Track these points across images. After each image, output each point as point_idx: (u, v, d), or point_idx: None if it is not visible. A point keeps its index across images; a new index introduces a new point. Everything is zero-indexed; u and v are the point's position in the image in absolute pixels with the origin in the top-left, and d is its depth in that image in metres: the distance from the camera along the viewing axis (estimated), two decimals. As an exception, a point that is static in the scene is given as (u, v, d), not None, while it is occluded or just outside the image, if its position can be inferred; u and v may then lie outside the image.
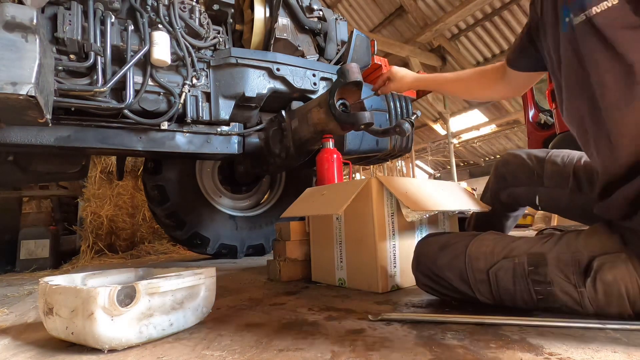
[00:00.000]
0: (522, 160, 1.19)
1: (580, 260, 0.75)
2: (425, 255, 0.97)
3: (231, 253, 2.50)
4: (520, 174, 1.19)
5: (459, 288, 0.89)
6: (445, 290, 0.93)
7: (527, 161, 1.17)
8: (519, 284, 0.80)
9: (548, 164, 1.12)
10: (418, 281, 1.00)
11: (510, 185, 1.22)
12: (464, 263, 0.87)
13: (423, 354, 0.62)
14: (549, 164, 1.12)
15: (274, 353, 0.66)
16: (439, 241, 0.97)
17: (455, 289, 0.90)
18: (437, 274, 0.92)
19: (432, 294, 0.99)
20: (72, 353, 0.71)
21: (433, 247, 0.96)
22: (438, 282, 0.93)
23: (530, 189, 1.17)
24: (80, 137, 1.65)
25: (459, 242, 0.91)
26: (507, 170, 1.22)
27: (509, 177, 1.22)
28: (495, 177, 1.27)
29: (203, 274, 0.85)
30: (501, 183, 1.25)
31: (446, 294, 0.94)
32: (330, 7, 8.47)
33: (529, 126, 3.93)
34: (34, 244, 3.10)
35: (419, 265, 0.98)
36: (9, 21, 1.10)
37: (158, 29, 1.67)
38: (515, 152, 1.23)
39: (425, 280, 0.97)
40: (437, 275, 0.93)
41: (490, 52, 8.13)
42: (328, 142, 1.72)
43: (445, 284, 0.92)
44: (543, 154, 1.16)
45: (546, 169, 1.13)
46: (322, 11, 2.21)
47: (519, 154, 1.21)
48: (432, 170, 14.66)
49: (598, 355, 0.58)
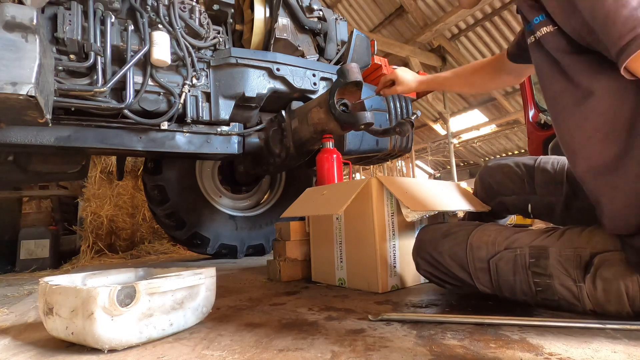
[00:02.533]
0: (510, 168, 1.16)
1: (581, 255, 0.76)
2: (427, 241, 0.98)
3: (231, 253, 2.50)
4: (509, 183, 1.16)
5: (458, 275, 0.90)
6: (444, 277, 0.94)
7: (515, 169, 1.14)
8: (519, 275, 0.81)
9: (538, 171, 1.09)
10: (418, 267, 1.01)
11: (499, 195, 1.19)
12: (465, 251, 0.88)
13: (423, 354, 0.62)
14: (539, 172, 1.09)
15: (274, 353, 0.66)
16: (441, 229, 0.98)
17: (455, 276, 0.91)
18: (437, 259, 0.93)
19: (432, 280, 1.00)
20: (72, 353, 0.71)
21: (435, 233, 0.97)
22: (438, 267, 0.94)
23: (522, 197, 1.14)
24: (80, 137, 1.65)
25: (462, 231, 0.92)
26: (494, 180, 1.19)
27: (496, 187, 1.20)
28: (481, 187, 1.24)
29: (203, 274, 0.85)
30: (489, 192, 1.22)
31: (446, 280, 0.95)
32: (330, 7, 8.46)
33: (529, 126, 3.92)
34: (34, 244, 3.10)
35: (420, 251, 0.99)
36: (9, 21, 1.10)
37: (158, 29, 1.67)
38: (500, 161, 1.20)
39: (425, 266, 0.97)
40: (437, 261, 0.93)
41: (490, 52, 8.12)
42: (328, 142, 1.72)
43: (446, 271, 0.92)
44: (531, 161, 1.13)
45: (537, 176, 1.10)
46: (322, 11, 2.21)
47: (507, 163, 1.18)
48: (432, 170, 14.65)
49: (598, 355, 0.58)
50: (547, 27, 0.72)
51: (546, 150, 2.36)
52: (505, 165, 1.18)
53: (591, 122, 0.70)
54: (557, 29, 0.71)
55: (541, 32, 0.74)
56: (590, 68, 0.69)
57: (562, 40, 0.71)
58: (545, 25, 0.72)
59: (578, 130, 0.73)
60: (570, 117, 0.74)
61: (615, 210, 0.71)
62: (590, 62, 0.69)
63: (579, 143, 0.74)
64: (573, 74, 0.71)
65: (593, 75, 0.69)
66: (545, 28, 0.73)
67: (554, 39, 0.72)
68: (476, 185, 1.28)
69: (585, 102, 0.70)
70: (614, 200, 0.71)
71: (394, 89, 1.35)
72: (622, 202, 0.70)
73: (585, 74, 0.70)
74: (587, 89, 0.69)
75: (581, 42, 0.67)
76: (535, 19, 0.74)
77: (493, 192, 1.21)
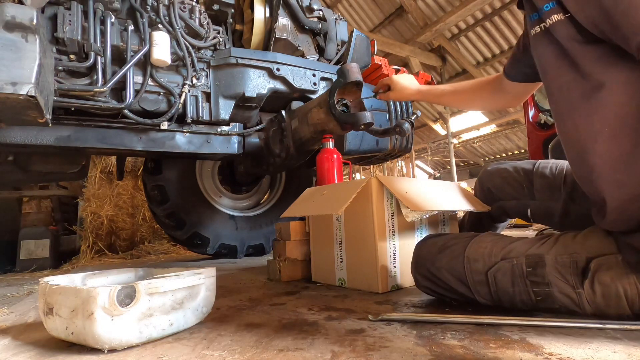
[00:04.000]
0: (508, 173, 1.16)
1: (577, 261, 0.75)
2: (424, 257, 0.97)
3: (231, 253, 2.50)
4: (508, 188, 1.16)
5: (458, 289, 0.89)
6: (444, 292, 0.93)
7: (514, 174, 1.15)
8: (518, 285, 0.80)
9: (537, 176, 1.10)
10: (417, 283, 1.00)
11: (498, 199, 1.20)
12: (463, 264, 0.87)
13: (423, 354, 0.62)
14: (538, 177, 1.10)
15: (274, 353, 0.66)
16: (437, 243, 0.97)
17: (454, 291, 0.90)
18: (436, 275, 0.92)
19: (432, 295, 0.99)
20: (72, 353, 0.71)
21: (432, 248, 0.96)
22: (437, 283, 0.93)
23: (521, 202, 1.15)
24: (80, 137, 1.65)
25: (458, 244, 0.91)
26: (493, 184, 1.20)
27: (495, 191, 1.20)
28: (481, 192, 1.25)
29: (203, 274, 0.85)
30: (488, 197, 1.23)
31: (445, 295, 0.94)
32: (330, 7, 8.46)
33: (529, 126, 3.92)
34: (34, 244, 3.10)
35: (418, 267, 0.98)
36: (9, 21, 1.10)
37: (158, 29, 1.67)
38: (499, 165, 1.21)
39: (424, 282, 0.97)
40: (436, 276, 0.93)
41: (490, 52, 8.13)
42: (328, 142, 1.72)
43: (445, 286, 0.92)
44: (530, 165, 1.13)
45: (536, 181, 1.10)
46: (322, 11, 2.21)
47: (505, 167, 1.18)
48: (432, 170, 14.65)
49: (598, 355, 0.58)
50: (557, 15, 0.70)
51: (546, 150, 2.36)
52: (504, 170, 1.19)
53: (600, 116, 0.68)
54: (568, 17, 0.68)
55: (551, 20, 0.71)
56: (601, 59, 0.67)
57: (572, 29, 0.68)
58: (556, 12, 0.70)
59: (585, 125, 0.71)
60: (577, 111, 0.72)
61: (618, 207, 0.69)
62: (602, 53, 0.67)
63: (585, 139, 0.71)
64: (583, 65, 0.69)
65: (604, 67, 0.67)
66: (555, 16, 0.70)
67: (564, 27, 0.70)
68: (476, 189, 1.28)
69: (595, 94, 0.68)
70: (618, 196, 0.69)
71: (387, 95, 1.34)
72: (627, 198, 0.68)
73: (596, 64, 0.68)
74: (598, 80, 0.67)
75: (593, 30, 0.65)
76: (546, 6, 0.72)
77: (492, 196, 1.22)
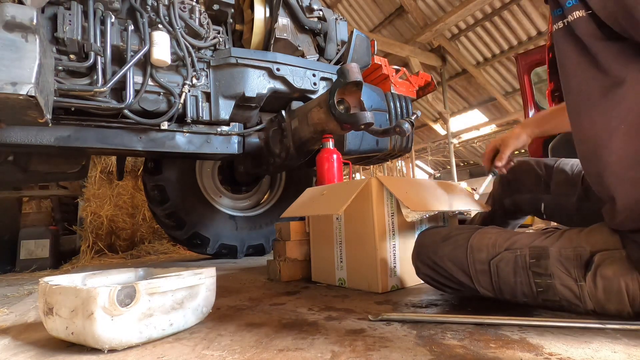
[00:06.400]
0: (530, 166, 1.19)
1: (581, 254, 0.76)
2: (426, 245, 0.97)
3: (231, 253, 2.50)
4: (526, 180, 1.19)
5: (459, 278, 0.89)
6: (444, 281, 0.94)
7: (535, 168, 1.17)
8: (520, 276, 0.81)
9: (557, 172, 1.13)
10: (418, 270, 1.00)
11: (515, 192, 1.22)
12: (466, 253, 0.88)
13: (423, 354, 0.62)
14: (557, 172, 1.13)
15: (274, 353, 0.66)
16: (441, 232, 0.98)
17: (455, 280, 0.91)
18: (437, 263, 0.93)
19: (431, 284, 1.00)
20: (72, 353, 0.71)
21: (435, 237, 0.97)
22: (438, 271, 0.94)
23: (536, 196, 1.17)
24: (80, 137, 1.65)
25: (462, 234, 0.93)
26: (514, 176, 1.22)
27: (514, 183, 1.22)
28: (500, 183, 1.27)
29: (203, 274, 0.85)
30: (506, 189, 1.25)
31: (445, 284, 0.94)
32: (330, 7, 8.46)
33: (529, 126, 3.92)
34: (34, 244, 3.10)
35: (419, 255, 0.99)
36: (9, 21, 1.10)
37: (158, 29, 1.67)
38: (523, 158, 1.23)
39: (425, 270, 0.97)
40: (437, 264, 0.93)
41: (490, 52, 8.12)
42: (328, 142, 1.72)
43: (446, 274, 0.92)
44: (552, 162, 1.16)
45: (555, 176, 1.13)
46: (322, 11, 2.21)
47: (528, 161, 1.21)
48: (432, 170, 14.65)
49: (598, 355, 0.58)
50: (579, 12, 0.71)
51: (546, 151, 2.35)
52: (526, 162, 1.21)
53: (618, 112, 0.69)
54: (590, 14, 0.69)
55: (573, 17, 0.72)
56: (621, 55, 0.68)
57: (593, 26, 0.69)
58: (578, 9, 0.71)
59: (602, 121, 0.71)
60: (595, 107, 0.72)
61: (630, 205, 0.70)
62: (622, 49, 0.67)
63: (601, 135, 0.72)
64: (603, 61, 0.69)
65: (625, 63, 0.67)
66: (577, 12, 0.71)
67: (585, 24, 0.70)
68: (495, 182, 1.30)
69: (613, 90, 0.68)
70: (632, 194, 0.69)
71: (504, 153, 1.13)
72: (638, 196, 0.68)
73: (616, 61, 0.68)
74: (618, 76, 0.68)
75: (615, 27, 0.66)
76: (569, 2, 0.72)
77: (510, 188, 1.24)
